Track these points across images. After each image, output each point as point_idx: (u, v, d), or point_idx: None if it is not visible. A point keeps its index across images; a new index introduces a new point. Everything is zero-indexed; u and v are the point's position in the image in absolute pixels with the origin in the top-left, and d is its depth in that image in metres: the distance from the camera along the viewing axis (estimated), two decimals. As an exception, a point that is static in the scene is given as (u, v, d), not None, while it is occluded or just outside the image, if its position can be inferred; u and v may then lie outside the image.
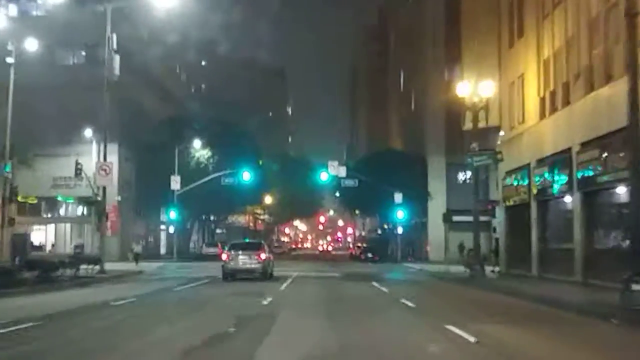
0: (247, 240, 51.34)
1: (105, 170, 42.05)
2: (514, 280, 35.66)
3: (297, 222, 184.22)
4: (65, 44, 72.91)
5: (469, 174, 74.14)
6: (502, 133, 46.07)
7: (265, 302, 23.00)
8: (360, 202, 77.63)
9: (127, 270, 45.80)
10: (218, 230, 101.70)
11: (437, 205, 72.40)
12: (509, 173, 43.14)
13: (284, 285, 32.90)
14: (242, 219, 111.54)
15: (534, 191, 38.23)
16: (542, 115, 37.29)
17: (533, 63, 38.60)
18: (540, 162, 37.35)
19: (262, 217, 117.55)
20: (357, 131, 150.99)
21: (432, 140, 72.97)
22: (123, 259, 66.92)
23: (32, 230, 69.02)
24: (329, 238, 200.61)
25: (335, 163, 71.69)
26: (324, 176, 71.06)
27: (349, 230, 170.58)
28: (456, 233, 72.68)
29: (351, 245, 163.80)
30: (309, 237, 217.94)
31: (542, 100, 37.39)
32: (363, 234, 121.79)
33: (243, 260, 36.73)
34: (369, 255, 77.57)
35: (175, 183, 72.18)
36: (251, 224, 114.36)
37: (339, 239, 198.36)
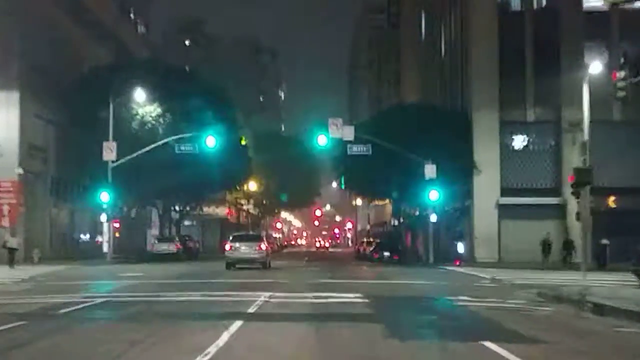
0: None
1: None
2: None
3: (290, 217, 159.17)
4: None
5: (531, 136, 49.42)
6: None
7: None
8: (370, 179, 52.16)
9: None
10: (187, 223, 76.64)
11: (486, 182, 47.61)
12: None
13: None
14: (220, 211, 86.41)
15: None
16: None
17: None
18: None
19: (245, 207, 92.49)
20: (358, 112, 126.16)
21: (480, 90, 48.04)
22: (27, 259, 42.74)
23: None
24: (324, 233, 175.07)
25: (339, 121, 46.88)
26: (321, 140, 46.26)
27: (349, 225, 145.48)
28: (510, 222, 48.14)
29: (350, 242, 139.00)
30: (304, 233, 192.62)
31: None
32: (368, 227, 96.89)
33: (244, 250, 37.23)
34: (386, 253, 52.70)
35: (110, 152, 47.65)
36: (229, 217, 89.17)
37: (337, 235, 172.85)
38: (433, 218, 47.11)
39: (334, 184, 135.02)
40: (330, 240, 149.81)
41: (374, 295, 20.04)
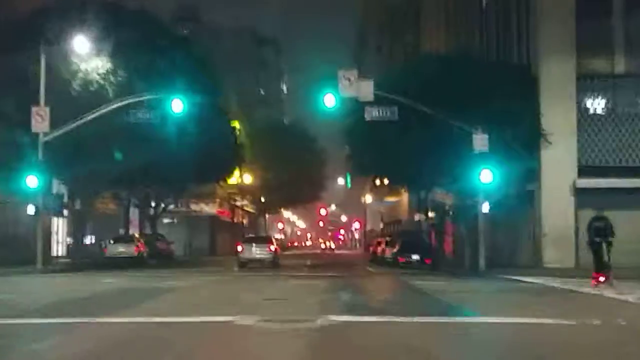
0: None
1: None
2: None
3: (294, 217, 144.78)
4: None
5: (620, 95, 34.84)
6: None
7: None
8: (388, 158, 36.68)
9: None
10: (166, 221, 62.25)
11: (558, 158, 33.08)
12: None
13: None
14: (210, 208, 71.63)
15: None
16: None
17: None
18: None
19: (239, 203, 77.87)
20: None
21: (548, 32, 33.43)
22: None
23: None
24: (330, 234, 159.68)
25: (352, 74, 32.42)
26: (329, 101, 31.90)
27: (356, 225, 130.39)
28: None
29: (358, 244, 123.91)
30: (309, 234, 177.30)
31: None
32: (381, 225, 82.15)
33: (255, 251, 38.25)
34: (414, 257, 38.17)
35: (40, 121, 33.85)
36: (221, 215, 74.28)
37: (338, 236, 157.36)
38: (485, 208, 32.55)
39: (340, 181, 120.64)
40: (333, 241, 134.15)
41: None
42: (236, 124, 58.61)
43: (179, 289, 20.31)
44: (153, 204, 54.08)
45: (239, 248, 38.97)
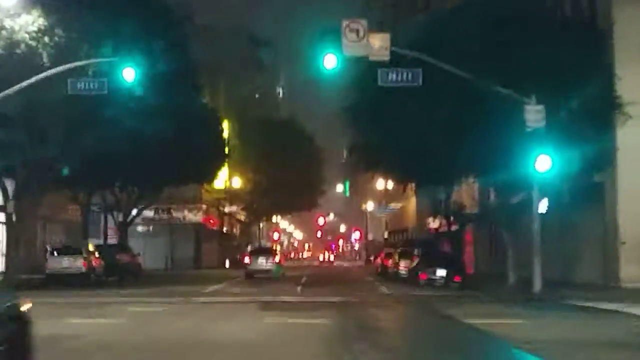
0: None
1: None
2: None
3: (289, 226, 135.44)
4: None
5: None
6: None
7: None
8: (409, 143, 26.72)
9: None
10: (140, 229, 52.85)
11: (638, 139, 23.86)
12: None
13: None
14: (194, 216, 62.11)
15: None
16: None
17: None
18: None
19: (228, 210, 68.51)
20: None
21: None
22: None
23: None
24: (331, 245, 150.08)
25: (360, 25, 23.09)
26: (330, 61, 22.69)
27: (356, 235, 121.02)
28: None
29: (358, 256, 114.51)
30: (307, 245, 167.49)
31: None
32: (385, 235, 72.85)
33: (261, 262, 39.56)
34: (440, 273, 28.78)
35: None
36: (207, 223, 64.61)
37: (333, 247, 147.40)
38: (542, 206, 23.45)
39: (338, 188, 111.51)
40: (332, 252, 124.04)
41: None
42: (224, 121, 50.08)
43: (76, 336, 11.24)
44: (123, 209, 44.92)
45: (247, 260, 40.72)
